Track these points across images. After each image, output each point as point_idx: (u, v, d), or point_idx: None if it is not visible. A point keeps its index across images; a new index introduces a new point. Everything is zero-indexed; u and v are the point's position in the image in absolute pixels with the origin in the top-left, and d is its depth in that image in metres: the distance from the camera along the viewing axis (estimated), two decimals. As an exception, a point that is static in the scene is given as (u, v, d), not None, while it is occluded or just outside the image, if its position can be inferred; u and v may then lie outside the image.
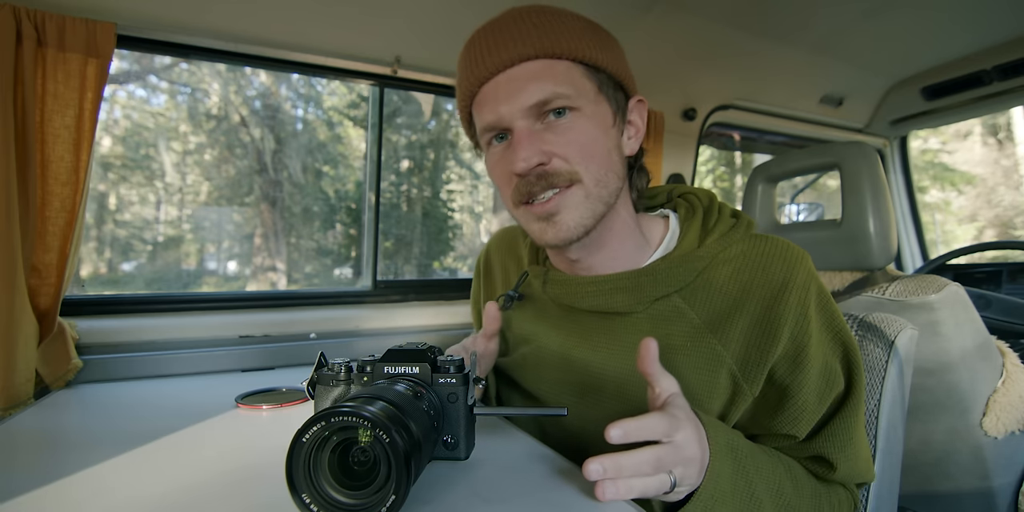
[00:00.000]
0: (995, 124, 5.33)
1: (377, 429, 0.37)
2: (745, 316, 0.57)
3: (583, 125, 0.56)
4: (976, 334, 0.95)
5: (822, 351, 0.57)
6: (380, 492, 0.39)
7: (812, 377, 0.56)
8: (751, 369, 0.56)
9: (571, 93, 0.55)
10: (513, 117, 0.55)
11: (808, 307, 0.56)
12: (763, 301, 0.57)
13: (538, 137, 0.55)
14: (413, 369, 0.51)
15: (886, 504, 0.72)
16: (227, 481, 0.51)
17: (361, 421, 0.37)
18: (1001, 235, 5.20)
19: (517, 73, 0.55)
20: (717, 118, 1.88)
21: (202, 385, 0.98)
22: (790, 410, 0.56)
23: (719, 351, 0.57)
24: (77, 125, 0.97)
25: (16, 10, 0.90)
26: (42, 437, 0.69)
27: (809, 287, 0.57)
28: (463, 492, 0.48)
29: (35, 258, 0.96)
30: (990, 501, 0.99)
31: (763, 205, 1.25)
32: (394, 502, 0.37)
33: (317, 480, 0.40)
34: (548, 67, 0.55)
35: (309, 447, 0.39)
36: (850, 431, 0.57)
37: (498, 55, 0.55)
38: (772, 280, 0.57)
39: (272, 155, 2.70)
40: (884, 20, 1.51)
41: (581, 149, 0.56)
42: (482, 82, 0.57)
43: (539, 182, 0.56)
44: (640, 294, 0.60)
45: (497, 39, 0.56)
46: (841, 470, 0.58)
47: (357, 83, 1.44)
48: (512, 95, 0.55)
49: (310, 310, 1.32)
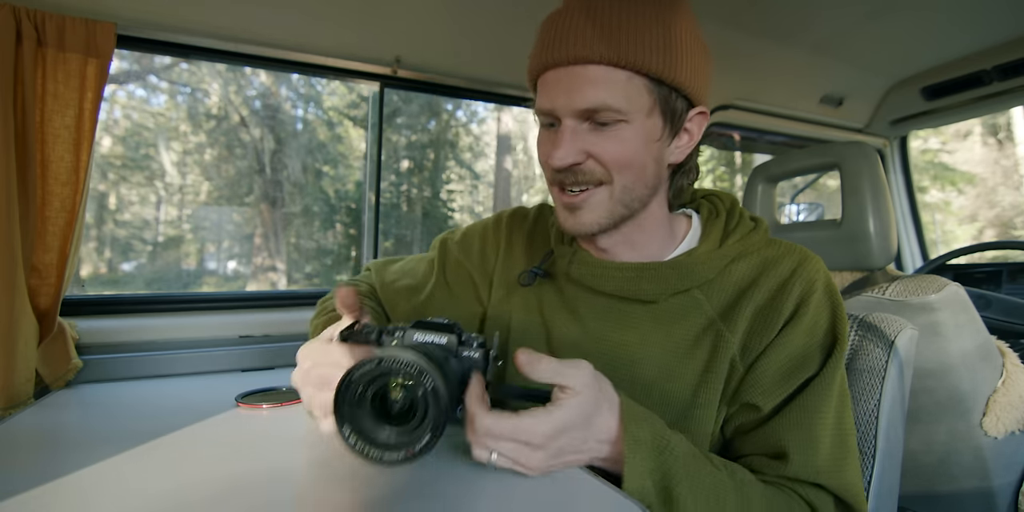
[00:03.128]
0: (995, 124, 5.34)
1: (422, 374, 0.41)
2: (751, 305, 0.61)
3: (627, 136, 0.58)
4: (976, 334, 0.95)
5: (807, 337, 0.59)
6: (417, 430, 0.42)
7: (787, 351, 0.59)
8: (748, 352, 0.60)
9: (622, 107, 0.56)
10: (564, 113, 0.58)
11: (809, 297, 0.60)
12: (769, 291, 0.61)
13: (581, 137, 0.58)
14: (441, 339, 0.53)
15: (886, 504, 0.72)
16: (227, 480, 0.51)
17: (405, 366, 0.41)
18: (1001, 235, 5.20)
19: (577, 72, 0.56)
20: (717, 118, 1.88)
21: (202, 385, 0.98)
22: (754, 373, 0.59)
23: (727, 337, 0.61)
24: (77, 125, 0.97)
25: (16, 10, 0.90)
26: (42, 437, 0.69)
27: (815, 281, 0.60)
28: (463, 488, 0.48)
29: (35, 258, 0.96)
30: (990, 501, 0.99)
31: (763, 205, 1.25)
32: (429, 441, 0.41)
33: (358, 417, 0.43)
34: (608, 74, 0.56)
35: (356, 386, 0.43)
36: (810, 418, 0.57)
37: (564, 50, 0.56)
38: (780, 274, 0.62)
39: (272, 155, 2.69)
40: (884, 21, 1.51)
41: (618, 158, 0.58)
42: (546, 68, 0.59)
43: (570, 177, 0.60)
44: (665, 285, 0.63)
45: (571, 28, 0.56)
46: (795, 461, 0.55)
47: (357, 83, 1.44)
48: (567, 93, 0.57)
49: (310, 310, 1.31)
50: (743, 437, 0.61)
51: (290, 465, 0.55)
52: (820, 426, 0.56)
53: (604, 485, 0.49)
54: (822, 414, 0.57)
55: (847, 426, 0.59)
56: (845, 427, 0.58)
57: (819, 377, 0.58)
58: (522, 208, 0.86)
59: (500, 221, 0.85)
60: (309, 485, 0.50)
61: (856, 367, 0.77)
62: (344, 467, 0.54)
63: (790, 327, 0.59)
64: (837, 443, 0.57)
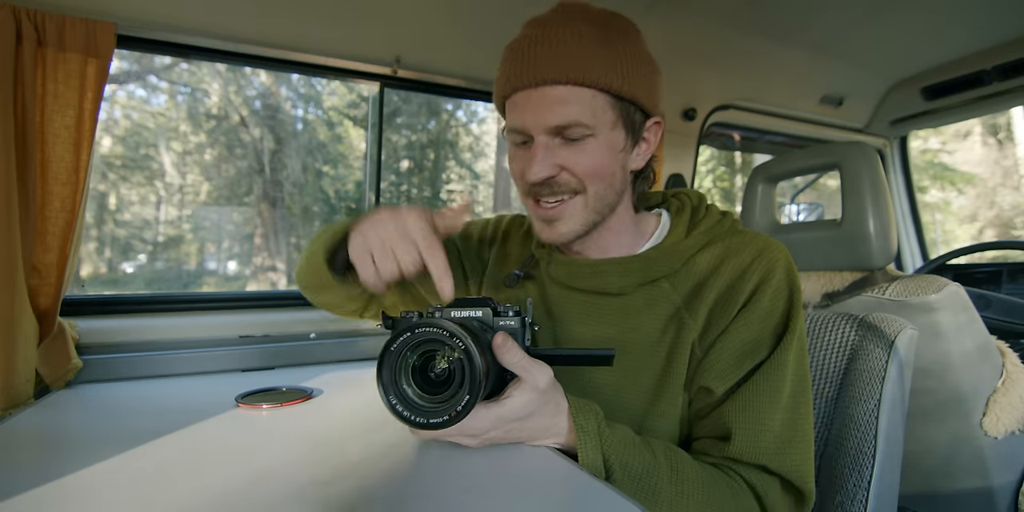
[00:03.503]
0: (995, 124, 5.34)
1: (456, 338, 0.44)
2: (713, 291, 0.65)
3: (595, 148, 0.63)
4: (976, 334, 0.95)
5: (762, 322, 0.62)
6: (457, 394, 0.45)
7: (740, 336, 0.62)
8: (706, 337, 0.64)
9: (590, 122, 0.61)
10: (535, 131, 0.62)
11: (766, 284, 0.63)
12: (730, 278, 0.65)
13: (553, 152, 0.63)
14: (477, 313, 0.56)
15: (886, 504, 0.72)
16: (227, 480, 0.51)
17: (442, 332, 0.44)
18: (1001, 235, 5.20)
19: (546, 92, 0.61)
20: (717, 118, 1.88)
21: (202, 385, 0.98)
22: (709, 357, 0.63)
23: (689, 324, 0.65)
24: (77, 125, 0.97)
25: (16, 10, 0.90)
26: (42, 437, 0.69)
27: (773, 268, 0.64)
28: (462, 485, 0.48)
29: (35, 258, 0.96)
30: (990, 501, 0.99)
31: (763, 205, 1.25)
32: (468, 402, 0.43)
33: (400, 384, 0.46)
34: (575, 93, 0.60)
35: (396, 355, 0.45)
36: (758, 401, 0.59)
37: (532, 72, 0.60)
38: (741, 261, 0.65)
39: (272, 155, 2.69)
40: (884, 20, 1.51)
41: (589, 168, 0.63)
42: (516, 89, 0.63)
43: (547, 189, 0.64)
44: (631, 277, 0.67)
45: (535, 54, 0.61)
46: (737, 442, 0.58)
47: (357, 83, 1.44)
48: (537, 112, 0.61)
49: (310, 310, 1.32)
50: (698, 420, 0.65)
51: (290, 465, 0.55)
52: (768, 409, 0.59)
53: (602, 485, 0.49)
54: (771, 397, 0.59)
55: (801, 411, 0.61)
56: (800, 411, 0.61)
57: (769, 361, 0.61)
58: (521, 215, 0.91)
59: (501, 221, 0.90)
60: (309, 485, 0.50)
61: (856, 367, 0.77)
62: (344, 467, 0.54)
63: (745, 312, 0.63)
64: (787, 426, 0.59)
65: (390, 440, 0.62)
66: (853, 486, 0.72)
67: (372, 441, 0.62)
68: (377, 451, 0.59)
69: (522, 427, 0.54)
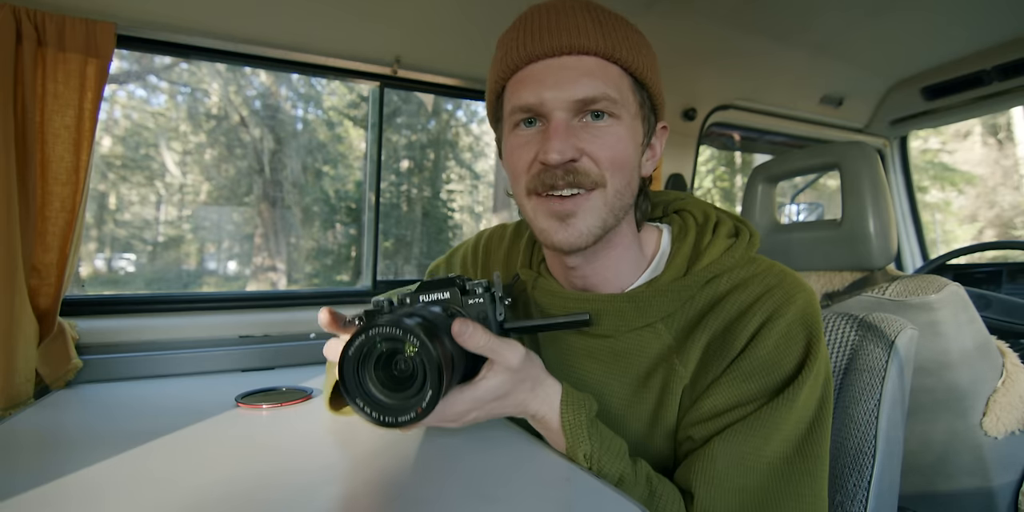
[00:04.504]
0: (995, 124, 5.34)
1: (410, 335, 0.43)
2: (706, 333, 0.57)
3: (620, 133, 0.55)
4: (976, 334, 0.95)
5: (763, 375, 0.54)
6: (422, 390, 0.44)
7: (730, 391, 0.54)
8: (697, 386, 0.57)
9: (618, 99, 0.54)
10: (555, 106, 0.53)
11: (768, 327, 0.54)
12: (727, 318, 0.56)
13: (574, 133, 0.54)
14: (444, 294, 0.55)
15: (886, 504, 0.72)
16: (227, 480, 0.51)
17: (396, 331, 0.43)
18: (1001, 235, 5.20)
19: (571, 63, 0.53)
20: (717, 118, 1.88)
21: (202, 385, 0.98)
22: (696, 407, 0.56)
23: (679, 371, 0.58)
24: (77, 125, 0.97)
25: (16, 10, 0.90)
26: (42, 437, 0.69)
27: (782, 309, 0.54)
28: (462, 486, 0.48)
29: (35, 258, 0.96)
30: (990, 501, 0.99)
31: (763, 205, 1.25)
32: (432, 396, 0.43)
33: (365, 386, 0.45)
34: (603, 67, 0.54)
35: (355, 359, 0.44)
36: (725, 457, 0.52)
37: (557, 39, 0.53)
38: (744, 299, 0.56)
39: (272, 155, 2.70)
40: (884, 20, 1.51)
41: (613, 156, 0.55)
42: (530, 60, 0.54)
43: (565, 177, 0.54)
44: (621, 321, 0.60)
45: (559, 22, 0.54)
46: (698, 502, 0.52)
47: (357, 83, 1.44)
48: (561, 84, 0.53)
49: (310, 310, 1.32)
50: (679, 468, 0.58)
51: (290, 465, 0.55)
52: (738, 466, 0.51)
53: (603, 486, 0.49)
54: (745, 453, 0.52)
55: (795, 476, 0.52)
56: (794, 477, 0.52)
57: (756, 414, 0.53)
58: (501, 227, 0.84)
59: (479, 243, 0.84)
60: (309, 485, 0.50)
61: (856, 367, 0.77)
62: (343, 467, 0.54)
63: (740, 360, 0.54)
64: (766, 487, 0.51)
65: (389, 440, 0.62)
66: (853, 486, 0.72)
67: (371, 441, 0.62)
68: (377, 451, 0.59)
69: (503, 405, 0.52)
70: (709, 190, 4.86)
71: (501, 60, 0.57)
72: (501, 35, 0.60)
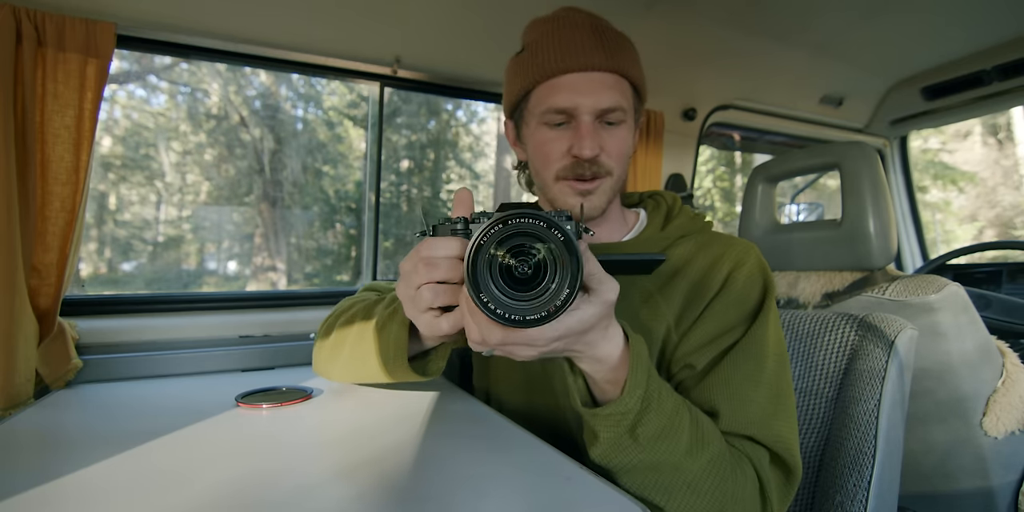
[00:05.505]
0: (995, 124, 5.34)
1: (554, 230, 0.41)
2: (685, 281, 0.71)
3: (625, 135, 0.71)
4: (976, 334, 0.95)
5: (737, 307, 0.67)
6: (554, 286, 0.42)
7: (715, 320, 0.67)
8: (682, 322, 0.69)
9: (627, 109, 0.70)
10: (584, 110, 0.68)
11: (736, 272, 0.69)
12: (702, 269, 0.71)
13: (597, 134, 0.69)
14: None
15: (886, 504, 0.72)
16: (227, 480, 0.51)
17: (539, 223, 0.41)
18: (1001, 235, 5.20)
19: (599, 78, 0.68)
20: (717, 118, 1.88)
21: (202, 385, 0.98)
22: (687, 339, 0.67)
23: (662, 308, 0.70)
24: (77, 125, 0.97)
25: (16, 10, 0.90)
26: (42, 437, 0.69)
27: (743, 260, 0.70)
28: (462, 486, 0.48)
29: (35, 258, 0.96)
30: (990, 501, 0.99)
31: (763, 205, 1.25)
32: (568, 295, 0.41)
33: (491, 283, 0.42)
34: (618, 82, 0.69)
35: (487, 250, 0.42)
36: (739, 375, 0.62)
37: (590, 57, 0.67)
38: (713, 254, 0.72)
39: (272, 155, 2.70)
40: (884, 21, 1.51)
41: (620, 153, 0.71)
42: (567, 71, 0.68)
43: (591, 168, 0.69)
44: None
45: (591, 40, 0.68)
46: (724, 415, 0.60)
47: (357, 83, 1.44)
48: (593, 93, 0.67)
49: (310, 310, 1.32)
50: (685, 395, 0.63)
51: (290, 465, 0.55)
52: (750, 383, 0.62)
53: (604, 485, 0.49)
54: (752, 372, 0.62)
55: (783, 386, 0.63)
56: (781, 387, 0.63)
57: (746, 338, 0.64)
58: None
59: None
60: (309, 485, 0.50)
61: (856, 367, 0.77)
62: (344, 467, 0.54)
63: (719, 298, 0.68)
64: (770, 400, 0.61)
65: (390, 440, 0.62)
66: (853, 486, 0.72)
67: (372, 441, 0.62)
68: (377, 451, 0.59)
69: (578, 341, 0.51)
70: (709, 190, 4.86)
71: (539, 65, 0.70)
72: (533, 36, 0.73)
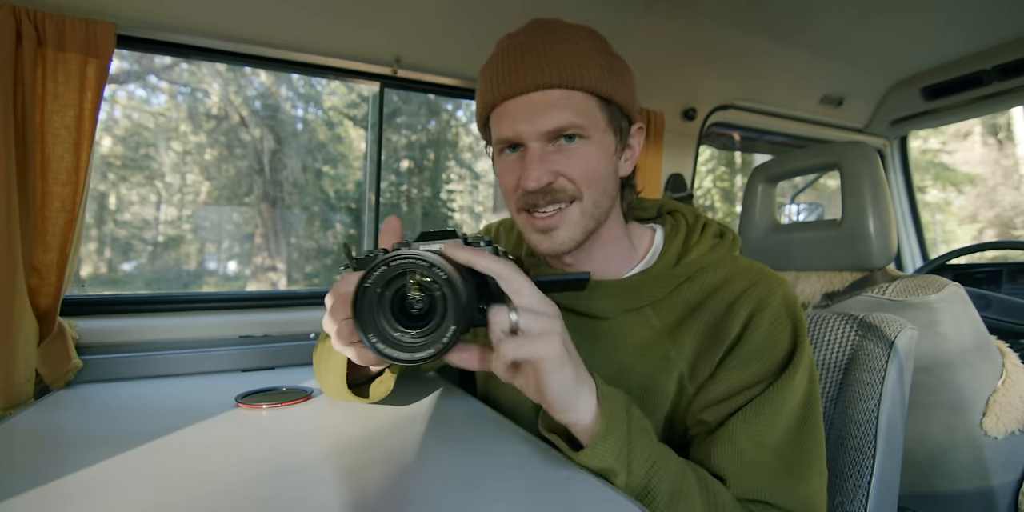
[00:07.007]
0: (995, 124, 5.33)
1: (436, 268, 0.41)
2: (698, 325, 0.63)
3: (590, 152, 0.61)
4: (976, 334, 0.95)
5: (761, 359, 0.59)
6: (441, 325, 0.42)
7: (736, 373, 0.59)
8: (697, 374, 0.62)
9: (584, 124, 0.60)
10: (529, 137, 0.60)
11: (758, 317, 0.60)
12: (717, 312, 0.62)
13: (548, 158, 0.61)
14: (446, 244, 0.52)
15: (886, 504, 0.72)
16: (227, 480, 0.51)
17: (420, 262, 0.41)
18: (1001, 235, 5.20)
19: (538, 99, 0.59)
20: (717, 118, 1.88)
21: (202, 385, 0.98)
22: (703, 393, 0.60)
23: (672, 356, 0.63)
24: (77, 125, 0.97)
25: (16, 10, 0.90)
26: (42, 437, 0.69)
27: (766, 300, 0.61)
28: (462, 486, 0.48)
29: (35, 258, 0.96)
30: (990, 501, 0.99)
31: (763, 205, 1.25)
32: (454, 332, 0.41)
33: (380, 323, 0.43)
34: (567, 97, 0.60)
35: (372, 291, 0.42)
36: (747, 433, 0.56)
37: (523, 78, 0.59)
38: (731, 293, 0.62)
39: (272, 155, 2.70)
40: (884, 20, 1.51)
41: (585, 173, 0.61)
42: (505, 98, 0.61)
43: (544, 197, 0.61)
44: (616, 303, 0.65)
45: (524, 61, 0.60)
46: (730, 481, 0.55)
47: (357, 83, 1.44)
48: (531, 118, 0.59)
49: (310, 310, 1.32)
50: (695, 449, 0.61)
51: (290, 465, 0.55)
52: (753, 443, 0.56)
53: (603, 485, 0.49)
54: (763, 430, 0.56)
55: (804, 442, 0.57)
56: (802, 443, 0.57)
57: (762, 396, 0.57)
58: (510, 219, 0.87)
59: (488, 232, 0.90)
60: (309, 485, 0.50)
61: (856, 367, 0.77)
62: (343, 467, 0.54)
63: (737, 350, 0.60)
64: (783, 459, 0.56)
65: (390, 440, 0.62)
66: (853, 486, 0.72)
67: (372, 441, 0.62)
68: (377, 451, 0.59)
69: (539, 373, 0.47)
70: (709, 190, 4.86)
71: (482, 95, 0.64)
72: (483, 67, 0.65)
